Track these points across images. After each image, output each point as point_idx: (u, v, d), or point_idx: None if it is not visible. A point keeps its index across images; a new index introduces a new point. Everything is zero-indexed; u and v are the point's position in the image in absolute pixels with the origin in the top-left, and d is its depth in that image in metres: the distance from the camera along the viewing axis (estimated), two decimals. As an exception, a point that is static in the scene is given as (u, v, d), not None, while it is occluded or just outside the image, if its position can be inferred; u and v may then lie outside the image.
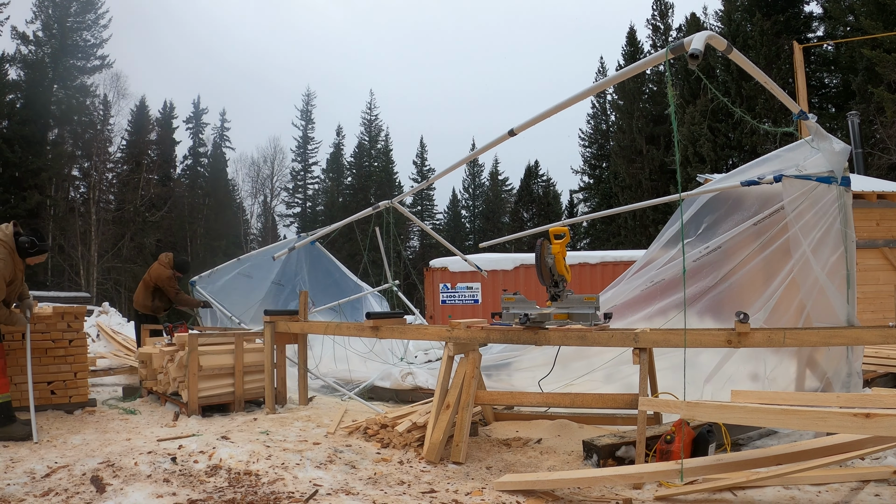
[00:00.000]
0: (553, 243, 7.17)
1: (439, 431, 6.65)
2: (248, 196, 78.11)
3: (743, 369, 7.89)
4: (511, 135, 7.07)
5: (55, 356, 8.97)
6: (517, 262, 24.03)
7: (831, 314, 7.09)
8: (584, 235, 63.76)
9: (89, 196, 54.46)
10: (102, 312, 21.06)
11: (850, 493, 5.18)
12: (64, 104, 52.80)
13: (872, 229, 15.30)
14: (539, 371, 8.49)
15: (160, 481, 5.60)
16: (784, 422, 4.73)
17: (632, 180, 53.85)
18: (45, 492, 5.31)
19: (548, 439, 7.38)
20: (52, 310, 9.24)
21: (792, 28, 42.90)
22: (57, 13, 54.18)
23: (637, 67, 6.25)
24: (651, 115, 55.38)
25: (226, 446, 6.78)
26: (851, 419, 4.13)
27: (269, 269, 14.62)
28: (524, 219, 71.58)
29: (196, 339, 9.14)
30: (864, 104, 34.18)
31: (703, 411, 5.22)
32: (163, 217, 58.42)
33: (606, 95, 63.94)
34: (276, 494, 5.31)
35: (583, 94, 6.50)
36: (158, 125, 65.45)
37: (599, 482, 5.48)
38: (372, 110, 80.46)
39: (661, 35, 57.13)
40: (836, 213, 7.29)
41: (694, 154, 44.63)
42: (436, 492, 5.51)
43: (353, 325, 9.56)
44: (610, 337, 6.60)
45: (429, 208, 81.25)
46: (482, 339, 7.34)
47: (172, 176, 65.59)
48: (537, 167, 75.73)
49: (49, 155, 50.88)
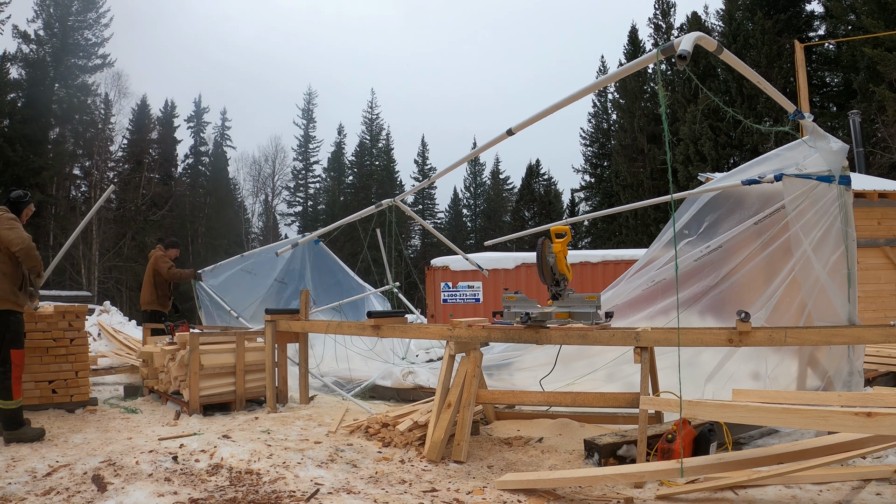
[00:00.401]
0: (554, 242, 7.17)
1: (440, 430, 6.65)
2: (250, 195, 78.19)
3: (744, 368, 7.89)
4: (509, 134, 7.08)
5: (56, 355, 8.97)
6: (518, 261, 24.04)
7: (832, 313, 7.08)
8: (585, 234, 63.82)
9: (90, 195, 54.45)
10: (104, 311, 21.03)
11: (851, 492, 5.18)
12: (65, 103, 52.84)
13: (874, 228, 15.30)
14: (540, 371, 8.49)
15: (161, 480, 5.60)
16: (785, 421, 4.73)
17: (633, 179, 53.87)
18: (46, 491, 5.32)
19: (549, 438, 7.37)
20: (54, 309, 9.24)
21: (793, 27, 42.92)
22: (58, 12, 54.23)
23: (629, 68, 6.25)
24: (652, 114, 55.31)
25: (227, 445, 6.79)
26: (853, 418, 4.13)
27: (272, 267, 14.61)
28: (525, 218, 71.54)
29: (197, 338, 9.14)
30: (865, 103, 34.16)
31: (704, 410, 5.22)
32: (164, 216, 58.45)
33: (608, 94, 64.05)
34: (277, 493, 5.31)
35: (578, 94, 6.50)
36: (159, 124, 65.39)
37: (601, 481, 5.48)
38: (373, 109, 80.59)
39: (662, 34, 57.09)
40: (836, 211, 7.28)
41: (695, 153, 44.65)
42: (437, 491, 5.51)
43: (354, 324, 9.56)
44: (611, 336, 6.60)
45: (430, 207, 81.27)
46: (483, 338, 7.34)
47: (173, 175, 65.59)
48: (538, 166, 75.81)
49: (50, 154, 50.91)
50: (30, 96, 49.81)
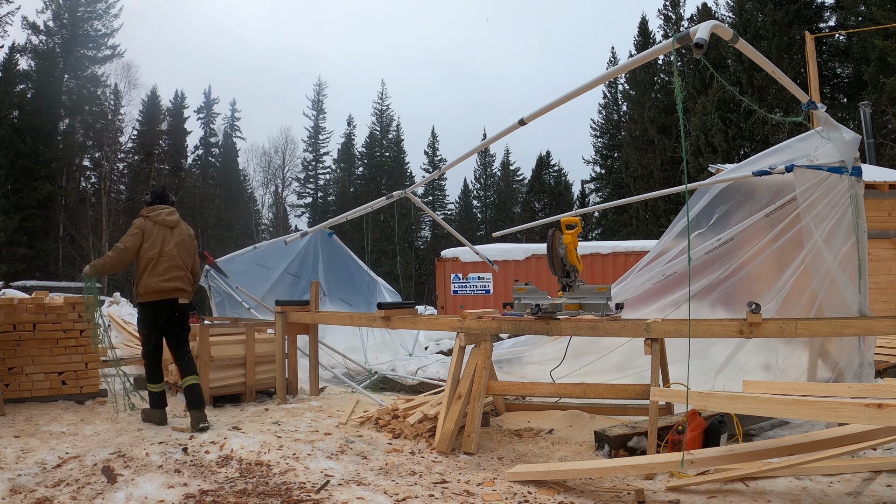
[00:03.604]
0: (565, 233, 7.14)
1: (451, 422, 6.65)
2: (260, 186, 78.00)
3: (754, 360, 7.88)
4: (521, 124, 7.04)
5: (66, 346, 9.00)
6: (529, 253, 24.05)
7: (843, 304, 7.06)
8: (595, 226, 63.69)
9: (100, 186, 54.62)
10: (113, 303, 21.13)
11: (862, 484, 5.16)
12: (75, 94, 52.91)
13: (884, 219, 15.24)
14: (550, 365, 8.48)
15: (171, 472, 5.60)
16: (796, 412, 4.71)
17: (643, 170, 53.70)
18: (56, 482, 5.32)
19: (559, 430, 7.37)
20: (64, 300, 9.27)
21: (804, 18, 42.66)
22: (67, 3, 54.37)
23: (644, 57, 6.20)
24: (662, 106, 55.15)
25: (237, 437, 6.79)
26: (863, 410, 4.11)
27: (283, 260, 14.60)
28: (536, 209, 71.39)
29: (207, 330, 9.16)
30: (876, 94, 33.98)
31: (714, 401, 5.20)
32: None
33: (618, 86, 63.90)
34: (287, 485, 5.32)
35: (591, 83, 6.46)
36: (169, 115, 65.33)
37: (611, 472, 5.47)
38: (384, 100, 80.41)
39: (672, 25, 56.90)
40: (847, 203, 7.25)
41: (706, 144, 44.49)
42: (447, 482, 5.51)
43: (364, 316, 9.57)
44: (622, 327, 6.59)
45: (440, 199, 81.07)
46: (494, 330, 7.33)
47: (183, 166, 65.56)
48: (549, 157, 75.65)
49: (60, 145, 51.12)
50: (39, 87, 49.89)
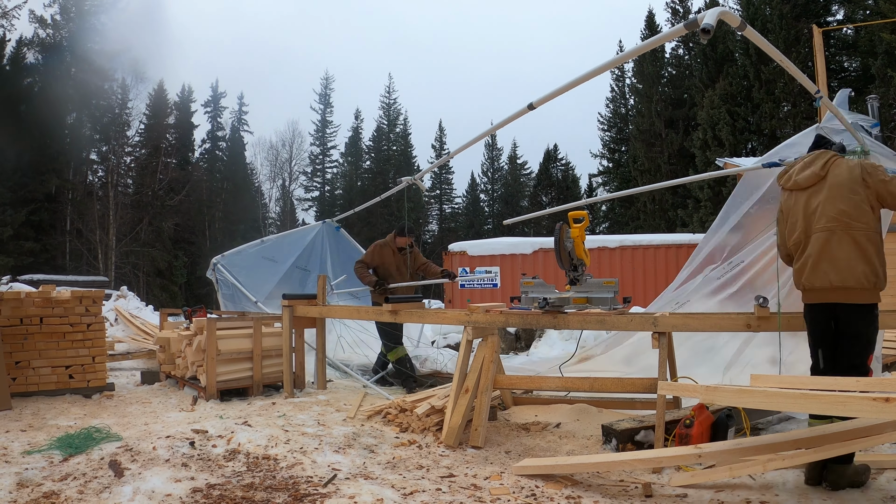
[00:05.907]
0: (572, 227, 7.12)
1: (458, 416, 6.65)
2: (267, 180, 77.97)
3: (761, 354, 7.85)
4: (530, 108, 6.99)
5: (73, 340, 9.04)
6: (536, 246, 24.03)
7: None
8: (603, 219, 63.68)
9: (107, 180, 54.60)
10: (121, 296, 21.18)
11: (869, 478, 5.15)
12: (82, 88, 52.87)
13: (893, 213, 15.16)
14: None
15: (178, 466, 5.61)
16: (803, 406, 4.69)
17: (650, 164, 53.59)
18: (63, 476, 5.34)
19: (567, 424, 7.36)
20: (71, 294, 9.28)
21: (811, 11, 42.48)
22: (75, -4, 54.24)
23: (653, 42, 6.16)
24: (670, 99, 55.04)
25: (244, 431, 6.79)
26: (871, 404, 4.09)
27: (291, 253, 14.63)
28: (543, 202, 71.27)
29: (214, 323, 9.16)
30: (883, 88, 33.85)
31: (722, 395, 5.19)
32: (181, 201, 58.55)
33: (625, 79, 63.83)
34: (294, 479, 5.32)
35: (602, 67, 6.39)
36: (177, 109, 65.17)
37: (618, 466, 5.46)
38: (391, 94, 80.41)
39: (679, 18, 56.78)
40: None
41: (713, 138, 44.38)
42: (455, 476, 5.51)
43: (371, 310, 9.56)
44: (629, 321, 6.58)
45: (448, 192, 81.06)
46: (501, 323, 7.34)
47: (190, 160, 65.61)
48: (556, 151, 75.53)
49: (67, 139, 51.05)
50: (46, 81, 49.87)
